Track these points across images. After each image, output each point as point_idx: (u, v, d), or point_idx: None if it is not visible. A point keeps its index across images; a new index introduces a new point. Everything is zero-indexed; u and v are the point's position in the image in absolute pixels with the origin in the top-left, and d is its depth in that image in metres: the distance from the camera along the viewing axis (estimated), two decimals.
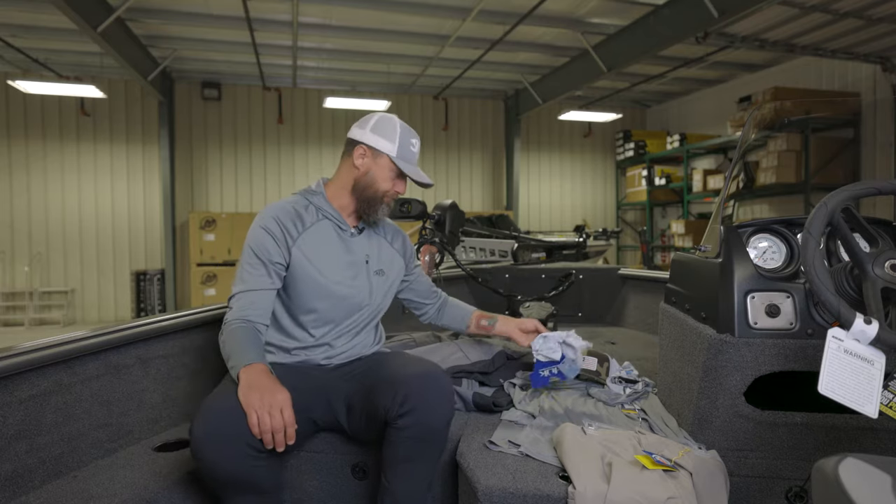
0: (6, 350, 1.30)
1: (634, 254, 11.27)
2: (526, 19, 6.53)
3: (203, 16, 6.60)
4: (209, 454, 1.21)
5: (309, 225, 1.58)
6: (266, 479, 1.29)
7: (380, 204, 1.62)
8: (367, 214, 1.63)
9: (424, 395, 1.36)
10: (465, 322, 1.90)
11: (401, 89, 9.90)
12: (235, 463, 1.22)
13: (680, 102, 10.87)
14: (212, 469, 1.23)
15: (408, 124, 1.68)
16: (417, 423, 1.34)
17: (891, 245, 1.10)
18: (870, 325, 0.97)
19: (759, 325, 1.33)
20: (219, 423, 1.22)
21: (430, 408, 1.35)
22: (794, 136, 7.46)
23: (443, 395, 1.40)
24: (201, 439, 1.21)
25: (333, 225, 1.62)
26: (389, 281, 1.71)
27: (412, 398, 1.34)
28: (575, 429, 1.47)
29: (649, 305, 2.98)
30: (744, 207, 8.90)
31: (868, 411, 0.96)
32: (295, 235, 1.55)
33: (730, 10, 5.47)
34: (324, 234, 1.60)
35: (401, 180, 1.64)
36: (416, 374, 1.41)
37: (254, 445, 1.23)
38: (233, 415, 1.23)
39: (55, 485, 1.33)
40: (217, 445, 1.21)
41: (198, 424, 1.22)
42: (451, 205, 3.27)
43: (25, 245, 8.67)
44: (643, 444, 1.39)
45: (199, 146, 9.35)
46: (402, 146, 1.61)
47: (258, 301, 1.49)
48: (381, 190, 1.61)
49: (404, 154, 1.62)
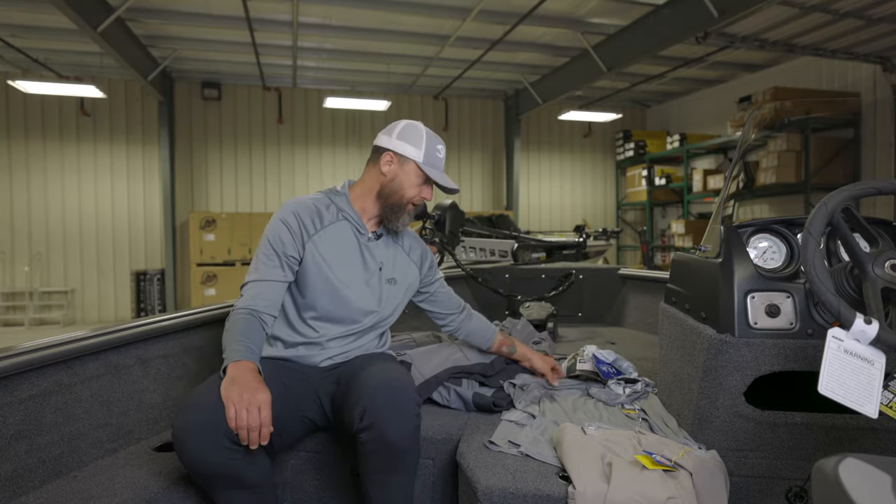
0: (6, 350, 1.30)
1: (634, 254, 11.27)
2: (526, 19, 6.53)
3: (203, 16, 6.60)
4: (188, 446, 1.22)
5: (328, 224, 1.59)
6: (249, 472, 1.29)
7: (403, 211, 1.62)
8: (390, 221, 1.63)
9: (384, 410, 1.31)
10: (489, 343, 1.93)
11: (401, 89, 9.90)
12: (213, 455, 1.23)
13: (680, 102, 10.87)
14: (192, 462, 1.24)
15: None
16: (378, 437, 1.30)
17: (891, 245, 1.10)
18: (870, 325, 0.97)
19: (759, 325, 1.33)
20: (197, 416, 1.24)
21: (390, 423, 1.30)
22: (794, 136, 7.46)
23: (404, 410, 1.33)
24: (181, 432, 1.23)
25: (352, 227, 1.62)
26: (402, 290, 1.71)
27: (371, 413, 1.30)
28: (575, 429, 1.46)
29: (649, 305, 2.98)
30: (744, 207, 8.90)
31: (868, 411, 0.96)
32: (311, 232, 1.55)
33: (730, 10, 5.47)
34: (341, 235, 1.60)
35: (427, 186, 1.64)
36: (378, 386, 1.35)
37: (231, 438, 1.24)
38: (212, 408, 1.24)
39: (55, 485, 1.33)
40: (196, 438, 1.22)
41: (178, 418, 1.24)
42: (451, 205, 3.27)
43: (25, 245, 8.67)
44: (643, 443, 1.39)
45: (199, 146, 9.35)
46: (428, 152, 1.61)
47: (267, 292, 1.50)
48: (406, 196, 1.61)
49: (431, 160, 1.62)
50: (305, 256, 1.54)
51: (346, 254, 1.59)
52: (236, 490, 1.30)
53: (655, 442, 1.40)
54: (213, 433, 1.23)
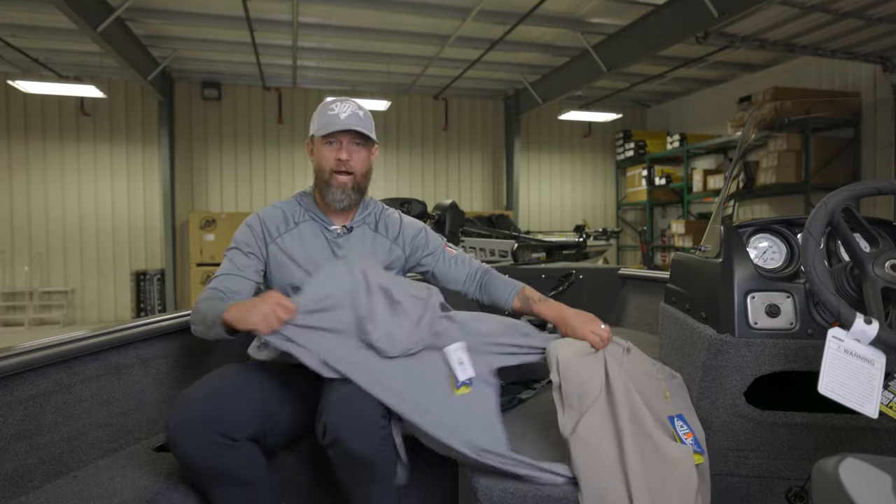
0: (6, 350, 1.30)
1: (634, 254, 11.26)
2: (526, 19, 6.52)
3: (203, 16, 6.60)
4: (182, 443, 1.23)
5: (292, 226, 1.61)
6: (244, 469, 1.29)
7: (329, 185, 1.58)
8: (326, 198, 1.60)
9: (347, 422, 1.26)
10: (508, 303, 1.71)
11: (401, 89, 9.89)
12: (207, 451, 1.23)
13: (680, 102, 10.87)
14: (186, 459, 1.25)
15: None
16: (344, 452, 1.27)
17: (891, 245, 1.10)
18: (870, 325, 0.97)
19: (759, 325, 1.33)
20: (190, 412, 1.24)
21: (354, 437, 1.26)
22: (794, 136, 7.46)
23: (367, 420, 1.27)
24: (174, 428, 1.23)
25: (319, 226, 1.63)
26: None
27: (334, 428, 1.26)
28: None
29: (649, 305, 2.98)
30: (744, 207, 8.89)
31: (868, 411, 0.96)
32: (275, 235, 1.59)
33: (730, 10, 5.46)
34: (309, 235, 1.61)
35: (335, 148, 1.58)
36: (340, 400, 1.29)
37: (226, 434, 1.24)
38: (205, 403, 1.25)
39: (55, 485, 1.33)
40: (189, 434, 1.22)
41: (171, 415, 1.25)
42: (451, 205, 3.28)
43: (25, 245, 8.66)
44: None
45: (199, 146, 9.35)
46: (322, 117, 1.59)
47: (230, 283, 1.52)
48: (326, 168, 1.59)
49: (325, 122, 1.57)
50: (269, 259, 1.58)
51: (314, 252, 1.60)
52: (232, 487, 1.29)
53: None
54: (206, 431, 1.23)
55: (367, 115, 1.62)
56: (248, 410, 1.33)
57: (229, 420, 1.27)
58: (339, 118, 1.56)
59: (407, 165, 10.32)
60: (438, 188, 10.48)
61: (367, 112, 1.63)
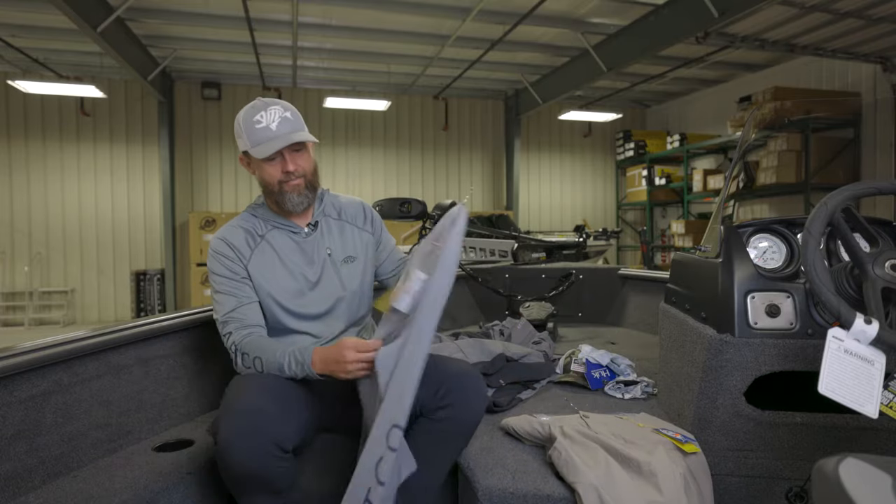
0: (6, 350, 1.30)
1: (634, 254, 11.26)
2: (526, 19, 6.52)
3: (203, 16, 6.60)
4: (237, 454, 1.22)
5: (259, 241, 1.56)
6: (285, 478, 1.30)
7: (284, 193, 1.54)
8: (285, 206, 1.56)
9: (464, 392, 1.39)
10: None
11: (401, 89, 9.89)
12: (261, 462, 1.23)
13: (680, 102, 10.87)
14: (237, 468, 1.23)
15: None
16: (453, 417, 1.37)
17: (891, 245, 1.10)
18: (870, 325, 0.97)
19: (759, 325, 1.33)
20: (246, 422, 1.23)
21: (469, 404, 1.40)
22: (794, 136, 7.46)
23: (481, 395, 1.44)
24: (229, 439, 1.21)
25: (285, 232, 1.60)
26: (361, 263, 1.66)
27: (452, 394, 1.38)
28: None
29: (649, 305, 2.98)
30: (744, 207, 8.89)
31: (868, 411, 0.96)
32: (247, 255, 1.54)
33: (730, 10, 5.46)
34: (277, 244, 1.57)
35: (278, 162, 1.52)
36: (456, 372, 1.44)
37: (280, 445, 1.24)
38: (260, 414, 1.24)
39: (55, 485, 1.33)
40: (245, 444, 1.21)
41: (225, 424, 1.23)
42: (450, 205, 3.27)
43: (25, 245, 8.66)
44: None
45: (199, 146, 9.35)
46: (251, 133, 1.51)
47: (248, 314, 1.50)
48: (273, 182, 1.54)
49: (255, 139, 1.50)
50: (253, 282, 1.53)
51: (286, 260, 1.56)
52: (265, 495, 1.30)
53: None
54: (262, 441, 1.23)
55: (295, 114, 1.54)
56: (295, 421, 1.34)
57: (282, 431, 1.27)
58: (271, 130, 1.49)
59: (407, 165, 10.31)
60: (438, 188, 10.47)
61: (293, 110, 1.55)
